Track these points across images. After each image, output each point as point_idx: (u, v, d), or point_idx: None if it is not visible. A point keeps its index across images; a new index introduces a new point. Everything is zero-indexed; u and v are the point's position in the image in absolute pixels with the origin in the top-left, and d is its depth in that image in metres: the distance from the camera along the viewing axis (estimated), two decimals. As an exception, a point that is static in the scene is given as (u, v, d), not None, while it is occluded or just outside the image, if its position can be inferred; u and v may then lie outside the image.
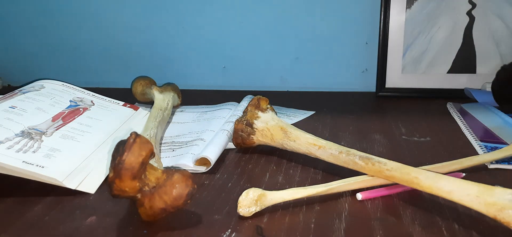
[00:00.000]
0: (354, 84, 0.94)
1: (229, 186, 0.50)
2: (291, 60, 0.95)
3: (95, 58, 0.99)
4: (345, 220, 0.42)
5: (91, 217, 0.44)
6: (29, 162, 0.48)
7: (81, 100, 0.68)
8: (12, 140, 0.51)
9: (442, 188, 0.39)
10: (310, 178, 0.51)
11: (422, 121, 0.71)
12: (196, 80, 0.97)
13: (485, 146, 0.58)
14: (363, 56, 0.92)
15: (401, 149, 0.60)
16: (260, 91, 0.88)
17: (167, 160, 0.55)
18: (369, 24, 0.90)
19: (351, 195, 0.46)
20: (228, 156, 0.58)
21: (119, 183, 0.38)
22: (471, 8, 0.83)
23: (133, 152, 0.38)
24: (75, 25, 0.98)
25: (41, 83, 0.68)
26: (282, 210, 0.44)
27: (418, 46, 0.86)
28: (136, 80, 0.77)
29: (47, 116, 0.59)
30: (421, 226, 0.41)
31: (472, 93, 0.81)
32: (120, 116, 0.68)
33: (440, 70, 0.86)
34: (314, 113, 0.76)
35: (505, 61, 0.84)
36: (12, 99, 0.60)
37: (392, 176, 0.44)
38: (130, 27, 0.96)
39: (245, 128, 0.57)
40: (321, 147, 0.51)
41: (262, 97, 0.59)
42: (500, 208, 0.36)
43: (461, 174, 0.49)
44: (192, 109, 0.76)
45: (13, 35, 1.00)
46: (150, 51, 0.97)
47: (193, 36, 0.95)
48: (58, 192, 0.48)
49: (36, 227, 0.42)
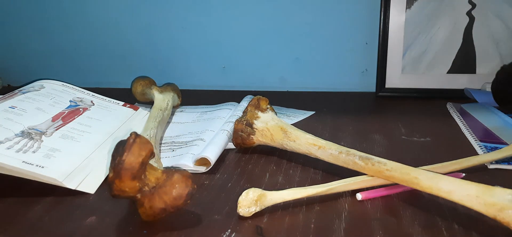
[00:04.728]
0: (354, 84, 0.94)
1: (229, 186, 0.50)
2: (291, 60, 0.95)
3: (95, 58, 0.99)
4: (345, 220, 0.42)
5: (91, 217, 0.44)
6: (29, 162, 0.48)
7: (81, 100, 0.68)
8: (12, 140, 0.51)
9: (442, 188, 0.39)
10: (310, 178, 0.51)
11: (422, 121, 0.71)
12: (196, 80, 0.97)
13: (485, 146, 0.58)
14: (363, 56, 0.92)
15: (401, 149, 0.60)
16: (260, 91, 0.88)
17: (167, 160, 0.55)
18: (369, 24, 0.90)
19: (351, 195, 0.46)
20: (228, 156, 0.58)
21: (119, 183, 0.38)
22: (471, 8, 0.83)
23: (133, 152, 0.38)
24: (75, 25, 0.98)
25: (41, 83, 0.68)
26: (282, 210, 0.44)
27: (418, 46, 0.86)
28: (136, 80, 0.77)
29: (47, 116, 0.59)
30: (421, 226, 0.41)
31: (472, 93, 0.81)
32: (120, 116, 0.68)
33: (440, 70, 0.86)
34: (314, 113, 0.76)
35: (505, 61, 0.84)
36: (12, 99, 0.60)
37: (392, 176, 0.44)
38: (130, 27, 0.96)
39: (245, 128, 0.57)
40: (321, 147, 0.51)
41: (262, 97, 0.59)
42: (500, 208, 0.36)
43: (461, 174, 0.49)
44: (192, 109, 0.76)
45: (13, 35, 1.00)
46: (150, 51, 0.97)
47: (193, 36, 0.95)
48: (58, 192, 0.48)
49: (36, 227, 0.42)
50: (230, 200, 0.46)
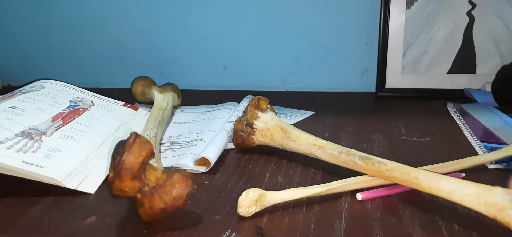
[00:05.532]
0: (354, 84, 0.94)
1: (229, 186, 0.50)
2: (291, 60, 0.95)
3: (95, 58, 0.99)
4: (345, 220, 0.42)
5: (91, 217, 0.44)
6: (29, 162, 0.48)
7: (81, 100, 0.68)
8: (12, 140, 0.51)
9: (442, 188, 0.39)
10: (310, 178, 0.51)
11: (422, 121, 0.71)
12: (196, 80, 0.97)
13: (485, 146, 0.58)
14: (363, 56, 0.92)
15: (401, 149, 0.60)
16: (260, 91, 0.88)
17: (167, 160, 0.55)
18: (369, 24, 0.90)
19: (351, 195, 0.46)
20: (228, 156, 0.58)
21: (119, 183, 0.38)
22: (471, 8, 0.83)
23: (133, 152, 0.38)
24: (75, 25, 0.98)
25: (41, 83, 0.68)
26: (282, 210, 0.44)
27: (418, 46, 0.86)
28: (136, 80, 0.77)
29: (47, 116, 0.59)
30: (421, 226, 0.41)
31: (472, 93, 0.81)
32: (120, 116, 0.68)
33: (440, 70, 0.86)
34: (314, 113, 0.76)
35: (505, 61, 0.84)
36: (12, 99, 0.60)
37: (392, 176, 0.44)
38: (130, 27, 0.96)
39: (245, 128, 0.57)
40: (321, 147, 0.51)
41: (262, 97, 0.59)
42: (500, 208, 0.36)
43: (461, 174, 0.49)
44: (192, 109, 0.76)
45: (13, 35, 1.00)
46: (150, 51, 0.97)
47: (193, 36, 0.95)
48: (58, 192, 0.48)
49: (36, 227, 0.42)
50: (230, 200, 0.46)
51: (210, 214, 0.43)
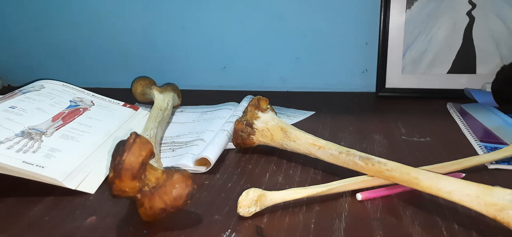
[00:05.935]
0: (354, 84, 0.94)
1: (229, 186, 0.50)
2: (291, 60, 0.95)
3: (95, 58, 0.99)
4: (345, 220, 0.42)
5: (91, 217, 0.44)
6: (29, 162, 0.48)
7: (81, 100, 0.68)
8: (12, 140, 0.51)
9: (442, 188, 0.39)
10: (310, 178, 0.51)
11: (422, 121, 0.71)
12: (196, 80, 0.97)
13: (485, 146, 0.58)
14: (363, 56, 0.92)
15: (401, 149, 0.60)
16: (260, 91, 0.88)
17: (167, 160, 0.55)
18: (369, 24, 0.90)
19: (351, 195, 0.46)
20: (228, 156, 0.58)
21: (119, 183, 0.38)
22: (471, 8, 0.83)
23: (133, 152, 0.38)
24: (75, 25, 0.98)
25: (41, 83, 0.68)
26: (282, 210, 0.44)
27: (418, 46, 0.86)
28: (136, 80, 0.77)
29: (47, 116, 0.59)
30: (421, 226, 0.41)
31: (472, 93, 0.81)
32: (120, 116, 0.68)
33: (440, 70, 0.86)
34: (314, 113, 0.76)
35: (505, 61, 0.84)
36: (12, 99, 0.60)
37: (392, 176, 0.44)
38: (130, 27, 0.96)
39: (245, 128, 0.57)
40: (321, 147, 0.51)
41: (262, 97, 0.59)
42: (500, 208, 0.36)
43: (461, 174, 0.49)
44: (192, 109, 0.76)
45: (13, 35, 1.00)
46: (150, 51, 0.97)
47: (193, 36, 0.95)
48: (58, 192, 0.48)
49: (36, 227, 0.42)
50: (230, 200, 0.46)
51: (210, 214, 0.43)
